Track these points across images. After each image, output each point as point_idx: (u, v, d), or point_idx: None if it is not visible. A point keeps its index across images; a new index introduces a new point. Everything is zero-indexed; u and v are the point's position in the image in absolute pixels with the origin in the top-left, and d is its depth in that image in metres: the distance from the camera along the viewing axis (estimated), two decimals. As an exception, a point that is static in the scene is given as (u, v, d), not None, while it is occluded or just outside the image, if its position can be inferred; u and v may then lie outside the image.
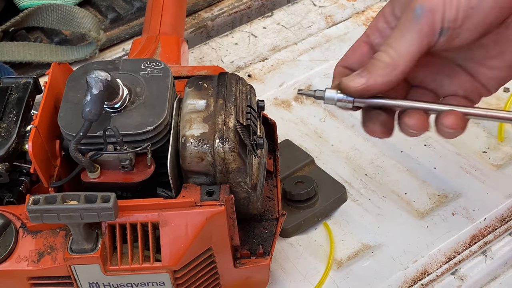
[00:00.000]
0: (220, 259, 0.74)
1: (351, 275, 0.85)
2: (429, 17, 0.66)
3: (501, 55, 0.71)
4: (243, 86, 0.76)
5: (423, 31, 0.67)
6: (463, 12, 0.66)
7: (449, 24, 0.67)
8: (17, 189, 0.73)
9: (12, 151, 0.71)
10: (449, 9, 0.66)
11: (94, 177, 0.70)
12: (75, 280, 0.71)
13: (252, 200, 0.75)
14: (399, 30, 0.68)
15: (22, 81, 0.77)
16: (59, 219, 0.66)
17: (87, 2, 1.24)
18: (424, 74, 0.75)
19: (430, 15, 0.66)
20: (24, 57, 1.12)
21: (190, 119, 0.71)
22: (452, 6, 0.66)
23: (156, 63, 0.76)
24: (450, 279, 0.84)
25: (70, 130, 0.70)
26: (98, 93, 0.67)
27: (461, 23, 0.67)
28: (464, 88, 0.75)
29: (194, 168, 0.70)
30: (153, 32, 0.98)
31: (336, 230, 0.89)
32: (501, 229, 0.88)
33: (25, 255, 0.70)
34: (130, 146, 0.70)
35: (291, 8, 1.24)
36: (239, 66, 1.13)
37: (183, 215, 0.69)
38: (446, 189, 0.93)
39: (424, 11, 0.66)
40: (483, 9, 0.66)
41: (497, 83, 0.74)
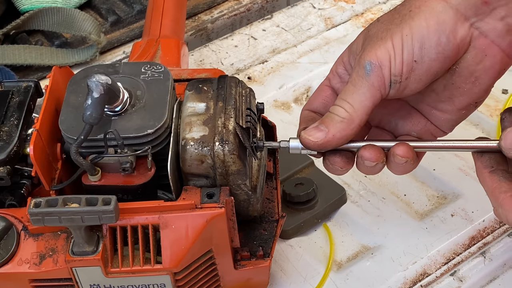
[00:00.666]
0: (221, 261, 0.75)
1: (351, 277, 0.85)
2: (378, 73, 0.70)
3: (450, 100, 0.74)
4: (243, 89, 0.76)
5: (374, 86, 0.71)
6: (407, 66, 0.70)
7: (395, 78, 0.71)
8: (18, 192, 0.73)
9: (14, 155, 0.72)
10: (394, 64, 0.70)
11: (95, 180, 0.71)
12: (76, 282, 0.71)
13: (252, 202, 0.75)
14: (352, 85, 0.71)
15: (24, 84, 0.77)
16: (61, 222, 0.66)
17: (88, 5, 1.25)
18: (381, 116, 0.79)
19: (378, 71, 0.70)
20: (25, 60, 1.12)
21: (190, 122, 0.72)
22: (396, 61, 0.70)
23: (156, 66, 0.76)
24: (449, 280, 0.84)
25: (71, 133, 0.71)
26: (98, 96, 0.68)
27: (407, 76, 0.71)
28: (418, 129, 0.78)
29: (194, 171, 0.71)
30: (154, 35, 0.99)
31: (335, 232, 0.90)
32: (500, 231, 0.88)
33: (27, 258, 0.71)
34: (131, 149, 0.70)
35: (291, 11, 1.24)
36: (239, 69, 1.14)
37: (183, 217, 0.70)
38: (445, 191, 0.94)
39: (373, 67, 0.70)
40: (425, 62, 0.70)
41: (450, 125, 0.77)
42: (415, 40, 0.70)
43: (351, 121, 0.71)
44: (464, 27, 0.70)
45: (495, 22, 0.70)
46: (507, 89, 1.06)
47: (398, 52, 0.70)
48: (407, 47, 0.70)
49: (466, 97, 0.73)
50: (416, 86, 0.72)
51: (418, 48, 0.70)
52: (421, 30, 0.70)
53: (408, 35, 0.70)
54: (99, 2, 1.24)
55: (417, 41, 0.70)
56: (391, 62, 0.70)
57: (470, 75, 0.72)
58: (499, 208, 0.71)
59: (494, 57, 0.71)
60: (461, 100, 0.74)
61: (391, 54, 0.70)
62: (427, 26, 0.69)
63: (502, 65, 0.71)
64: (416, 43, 0.70)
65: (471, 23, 0.70)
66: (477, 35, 0.70)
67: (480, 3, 0.69)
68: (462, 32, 0.70)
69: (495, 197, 0.71)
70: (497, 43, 0.70)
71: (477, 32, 0.70)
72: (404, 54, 0.70)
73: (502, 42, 0.70)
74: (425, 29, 0.69)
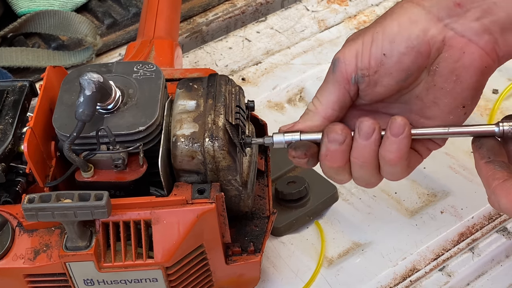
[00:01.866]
0: (212, 256, 0.76)
1: (342, 272, 0.86)
2: (342, 68, 0.73)
3: (435, 104, 0.74)
4: (232, 87, 0.78)
5: (338, 81, 0.74)
6: (375, 60, 0.72)
7: (363, 71, 0.73)
8: (13, 189, 0.75)
9: (8, 152, 0.73)
10: (361, 58, 0.72)
11: (88, 176, 0.72)
12: (70, 277, 0.73)
13: (243, 198, 0.76)
14: (324, 81, 0.75)
15: (18, 84, 0.79)
16: (54, 217, 0.67)
17: (84, 8, 1.26)
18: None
19: (342, 66, 0.73)
20: (22, 62, 1.14)
21: (180, 119, 0.73)
22: (364, 55, 0.72)
23: (148, 65, 0.78)
24: (438, 275, 0.86)
25: (65, 131, 0.72)
26: (90, 94, 0.69)
27: (376, 69, 0.72)
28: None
29: (185, 167, 0.72)
30: (148, 36, 1.00)
31: (327, 229, 0.91)
32: (489, 227, 0.90)
33: (22, 253, 0.72)
34: (123, 146, 0.72)
35: (285, 13, 1.26)
36: (233, 70, 1.15)
37: (174, 212, 0.71)
38: (435, 188, 0.95)
39: (338, 62, 0.73)
40: (395, 56, 0.71)
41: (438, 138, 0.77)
42: (385, 35, 0.72)
43: (315, 113, 0.75)
44: (437, 26, 0.71)
45: (470, 22, 0.70)
46: (497, 89, 1.08)
47: (366, 48, 0.72)
48: (376, 42, 0.72)
49: (450, 98, 0.73)
50: (388, 81, 0.73)
51: (388, 42, 0.71)
52: (392, 27, 0.71)
53: (378, 32, 0.72)
54: (96, 5, 1.26)
55: (387, 37, 0.71)
56: (358, 57, 0.72)
57: (451, 73, 0.72)
58: (491, 195, 0.71)
59: (473, 54, 0.71)
60: (446, 102, 0.73)
61: (358, 50, 0.72)
62: (398, 24, 0.71)
63: (482, 62, 0.72)
64: (386, 38, 0.71)
65: (444, 24, 0.71)
66: (452, 35, 0.71)
67: (453, 5, 0.70)
68: (433, 31, 0.71)
69: (489, 184, 0.72)
70: (474, 41, 0.71)
71: (452, 32, 0.71)
72: (373, 48, 0.72)
73: (480, 41, 0.71)
74: (396, 26, 0.71)
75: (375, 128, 0.72)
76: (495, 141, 0.74)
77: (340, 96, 0.74)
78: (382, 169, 0.75)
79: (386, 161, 0.73)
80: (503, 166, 0.72)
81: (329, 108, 0.74)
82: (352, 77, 0.73)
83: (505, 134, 0.72)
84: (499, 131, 0.73)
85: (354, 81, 0.73)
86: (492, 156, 0.73)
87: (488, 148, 0.74)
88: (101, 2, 1.27)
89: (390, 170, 0.74)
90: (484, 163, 0.73)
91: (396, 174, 0.75)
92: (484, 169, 0.73)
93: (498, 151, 0.74)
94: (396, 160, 0.73)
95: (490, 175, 0.72)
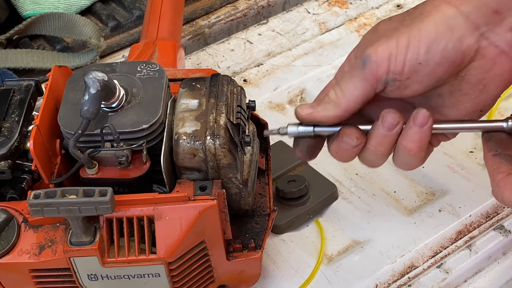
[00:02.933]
0: (213, 252, 0.77)
1: (341, 269, 0.88)
2: (372, 68, 0.72)
3: (455, 106, 0.75)
4: (234, 87, 0.79)
5: (366, 79, 0.72)
6: (410, 67, 0.71)
7: (395, 76, 0.72)
8: (19, 186, 0.76)
9: (15, 150, 0.75)
10: (394, 63, 0.71)
11: (92, 173, 0.74)
12: (74, 272, 0.74)
13: (244, 196, 0.78)
14: (349, 73, 0.74)
15: (24, 83, 0.80)
16: (59, 212, 0.69)
17: (89, 11, 1.28)
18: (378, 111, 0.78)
19: (374, 66, 0.72)
20: (27, 64, 1.15)
21: (183, 117, 0.75)
22: (398, 60, 0.71)
23: (152, 65, 0.79)
24: (435, 272, 0.87)
25: (70, 129, 0.74)
26: (95, 92, 0.71)
27: (409, 76, 0.72)
28: None
29: (187, 164, 0.74)
30: (151, 38, 1.02)
31: (327, 227, 0.93)
32: (486, 225, 0.91)
33: (27, 248, 0.73)
34: (126, 144, 0.73)
35: (286, 16, 1.28)
36: (235, 71, 1.17)
37: (177, 209, 0.73)
38: (434, 187, 0.97)
39: (369, 61, 0.72)
40: (430, 66, 0.71)
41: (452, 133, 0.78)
42: (422, 42, 0.70)
43: (338, 104, 0.73)
44: (474, 35, 0.70)
45: (505, 32, 0.70)
46: (503, 93, 1.09)
47: (401, 51, 0.71)
48: (413, 48, 0.71)
49: (472, 104, 0.74)
50: (418, 87, 0.73)
51: (425, 51, 0.70)
52: (430, 33, 0.70)
53: (415, 36, 0.71)
54: (100, 8, 1.28)
55: (424, 44, 0.70)
56: (391, 60, 0.71)
57: (479, 82, 0.72)
58: (495, 187, 0.72)
59: (503, 66, 0.71)
60: (467, 106, 0.74)
61: (392, 52, 0.71)
62: (435, 30, 0.70)
63: (511, 74, 0.72)
64: (422, 46, 0.70)
65: (481, 32, 0.70)
66: (486, 45, 0.71)
67: (491, 13, 0.70)
68: (470, 40, 0.70)
69: (493, 177, 0.73)
70: (506, 53, 0.71)
71: (486, 42, 0.71)
72: (409, 55, 0.71)
73: (511, 52, 0.71)
74: (433, 33, 0.70)
75: (399, 121, 0.73)
76: (504, 135, 0.75)
77: (366, 92, 0.73)
78: (399, 159, 0.75)
79: (407, 150, 0.73)
80: (509, 160, 0.73)
81: (352, 101, 0.73)
82: (382, 79, 0.72)
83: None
84: (508, 127, 0.75)
85: (384, 82, 0.72)
86: (499, 150, 0.74)
87: (496, 141, 0.75)
88: (105, 5, 1.29)
89: (408, 160, 0.75)
90: (491, 155, 0.74)
91: (412, 164, 0.76)
92: (491, 161, 0.74)
93: (506, 145, 0.75)
94: (416, 149, 0.73)
95: (496, 168, 0.73)
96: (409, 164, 0.76)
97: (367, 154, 0.76)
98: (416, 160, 0.75)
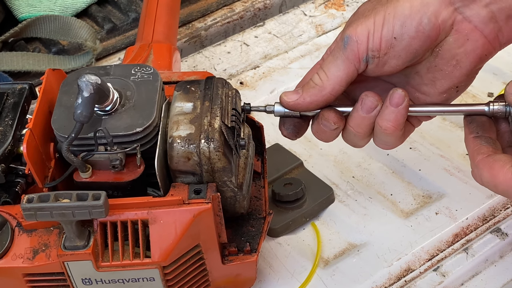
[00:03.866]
0: (208, 256, 0.77)
1: (337, 273, 0.87)
2: (353, 47, 0.74)
3: (432, 83, 0.77)
4: (229, 90, 0.79)
5: (348, 59, 0.74)
6: (386, 42, 0.73)
7: (373, 53, 0.74)
8: (13, 190, 0.76)
9: (8, 153, 0.75)
10: (372, 40, 0.73)
11: (86, 177, 0.73)
12: (68, 276, 0.74)
13: (239, 199, 0.77)
14: (331, 56, 0.76)
15: (18, 87, 0.80)
16: (52, 216, 0.68)
17: (85, 14, 1.28)
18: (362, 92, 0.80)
19: (354, 45, 0.74)
20: (22, 67, 1.15)
21: (177, 120, 0.74)
22: (375, 37, 0.73)
23: (146, 68, 0.79)
24: (432, 276, 0.87)
25: (63, 132, 0.73)
26: (88, 96, 0.70)
27: (386, 51, 0.74)
28: None
29: (181, 168, 0.73)
30: (146, 40, 1.01)
31: (323, 230, 0.92)
32: (483, 228, 0.91)
33: (21, 253, 0.73)
34: (120, 147, 0.73)
35: (282, 18, 1.27)
36: (231, 74, 1.17)
37: (171, 212, 0.72)
38: (430, 190, 0.96)
39: (350, 41, 0.74)
40: (405, 40, 0.73)
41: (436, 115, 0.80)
42: (396, 18, 0.73)
43: (323, 88, 0.75)
44: (448, 10, 0.72)
45: (480, 8, 0.72)
46: (492, 92, 1.09)
47: (378, 29, 0.73)
48: (388, 24, 0.73)
49: (448, 80, 0.76)
50: (396, 63, 0.75)
51: (399, 26, 0.72)
52: (404, 9, 0.72)
53: (390, 13, 0.73)
54: (96, 10, 1.27)
55: (398, 20, 0.72)
56: (369, 38, 0.73)
57: (452, 58, 0.74)
58: (475, 168, 0.74)
59: (476, 42, 0.73)
60: (443, 83, 0.76)
61: (370, 30, 0.73)
62: (410, 6, 0.72)
63: (483, 50, 0.74)
64: (397, 21, 0.72)
65: (455, 7, 0.73)
66: (460, 19, 0.73)
67: None
68: (444, 14, 0.72)
69: (473, 158, 0.74)
70: (480, 28, 0.73)
71: (461, 17, 0.73)
72: (384, 31, 0.73)
73: (485, 29, 0.73)
74: (408, 9, 0.72)
75: (378, 104, 0.74)
76: (485, 118, 0.77)
77: (349, 73, 0.75)
78: (377, 137, 0.77)
79: (383, 129, 0.75)
80: (489, 142, 0.75)
81: (337, 84, 0.75)
82: (363, 57, 0.74)
83: (495, 113, 0.76)
84: (489, 111, 0.76)
85: (365, 61, 0.74)
86: (480, 132, 0.76)
87: (478, 123, 0.77)
88: (101, 7, 1.29)
89: (385, 138, 0.77)
90: (472, 137, 0.76)
91: (389, 143, 0.78)
92: (472, 143, 0.75)
93: (488, 127, 0.76)
94: (392, 129, 0.75)
95: (476, 150, 0.74)
96: (387, 143, 0.77)
97: (347, 135, 0.78)
98: (393, 139, 0.77)
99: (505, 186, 0.71)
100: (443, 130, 1.04)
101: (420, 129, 0.84)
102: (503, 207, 0.93)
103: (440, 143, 1.02)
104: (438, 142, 1.02)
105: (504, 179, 0.71)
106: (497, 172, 0.71)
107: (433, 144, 1.02)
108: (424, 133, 1.02)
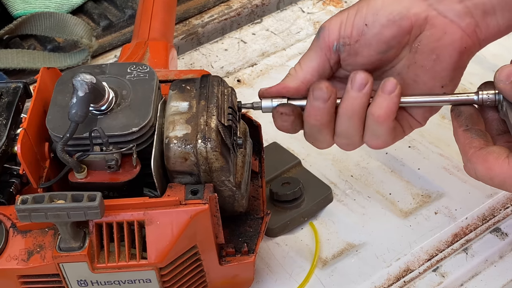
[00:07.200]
0: (206, 257, 0.76)
1: (336, 273, 0.87)
2: (325, 35, 0.76)
3: (415, 82, 0.76)
4: (225, 88, 0.78)
5: (320, 47, 0.77)
6: (357, 29, 0.75)
7: (344, 40, 0.75)
8: (7, 190, 0.75)
9: (2, 153, 0.74)
10: (344, 27, 0.75)
11: (81, 177, 0.72)
12: (63, 278, 0.73)
13: (237, 198, 0.77)
14: (308, 49, 0.79)
15: (12, 85, 0.79)
16: (47, 218, 0.68)
17: (80, 10, 1.27)
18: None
19: (325, 33, 0.76)
20: (18, 64, 1.14)
21: (173, 120, 0.73)
22: (347, 25, 0.75)
23: (142, 66, 0.78)
24: (431, 276, 0.86)
25: (58, 132, 0.72)
26: (83, 95, 0.69)
27: (357, 39, 0.75)
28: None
29: (178, 168, 0.73)
30: (142, 38, 1.00)
31: (321, 230, 0.91)
32: (482, 228, 0.90)
33: (15, 254, 0.72)
34: (116, 147, 0.72)
35: (280, 15, 1.26)
36: (228, 72, 1.16)
37: (168, 213, 0.71)
38: (430, 189, 0.95)
39: (323, 30, 0.77)
40: (376, 27, 0.74)
41: (421, 114, 0.78)
42: (369, 8, 0.75)
43: (295, 77, 0.78)
44: (421, 5, 0.73)
45: (453, 3, 0.73)
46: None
47: (350, 18, 0.75)
48: (360, 13, 0.75)
49: (430, 76, 0.75)
50: (369, 52, 0.75)
51: (371, 14, 0.74)
52: (377, 2, 0.75)
53: (364, 6, 0.75)
54: (91, 7, 1.26)
55: (370, 9, 0.74)
56: (341, 27, 0.75)
57: (431, 52, 0.74)
58: (467, 162, 0.73)
59: (454, 35, 0.73)
60: (425, 81, 0.76)
61: (343, 20, 0.75)
62: (382, 1, 0.74)
63: (462, 43, 0.74)
64: (369, 11, 0.74)
65: (428, 3, 0.74)
66: (435, 15, 0.73)
67: None
68: (417, 9, 0.73)
69: (465, 152, 0.74)
70: (456, 22, 0.73)
71: (435, 12, 0.73)
72: (356, 19, 0.75)
73: (461, 22, 0.73)
74: (380, 2, 0.75)
75: (368, 80, 0.74)
76: (473, 109, 0.76)
77: (320, 63, 0.77)
78: (368, 130, 0.76)
79: (375, 117, 0.74)
80: (480, 135, 0.74)
81: (308, 73, 0.77)
82: (334, 45, 0.76)
83: (484, 102, 0.75)
84: (479, 99, 0.75)
85: (336, 49, 0.76)
86: (470, 124, 0.75)
87: (467, 116, 0.76)
88: (97, 4, 1.27)
89: (376, 129, 0.75)
90: (462, 131, 0.75)
91: (380, 136, 0.76)
92: (462, 137, 0.75)
93: (476, 120, 0.76)
94: (384, 117, 0.74)
95: (467, 143, 0.74)
96: (378, 135, 0.76)
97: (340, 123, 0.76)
98: (384, 130, 0.75)
99: (502, 178, 0.70)
100: (442, 128, 1.03)
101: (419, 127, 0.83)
102: (502, 207, 0.92)
103: (439, 141, 1.01)
104: (437, 140, 1.01)
105: (501, 171, 0.70)
106: (492, 165, 0.71)
107: (432, 143, 1.01)
108: (423, 132, 1.01)
